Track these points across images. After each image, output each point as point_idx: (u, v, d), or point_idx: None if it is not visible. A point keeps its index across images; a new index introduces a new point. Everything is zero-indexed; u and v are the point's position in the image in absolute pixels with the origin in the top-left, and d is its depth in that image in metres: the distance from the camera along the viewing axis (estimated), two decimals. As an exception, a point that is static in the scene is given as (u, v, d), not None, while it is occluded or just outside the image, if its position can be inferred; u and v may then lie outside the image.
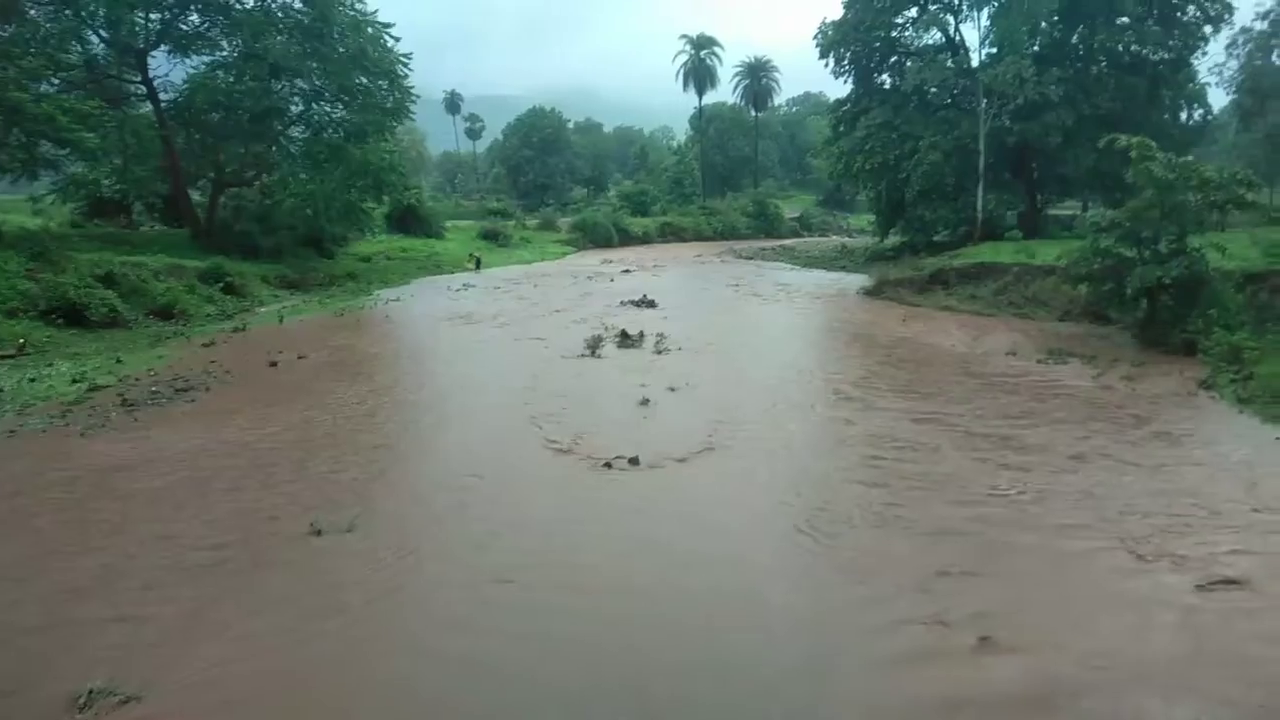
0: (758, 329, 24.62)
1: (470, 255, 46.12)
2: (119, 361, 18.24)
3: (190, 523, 9.47)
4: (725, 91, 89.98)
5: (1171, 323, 18.47)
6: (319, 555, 8.71)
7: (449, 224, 55.78)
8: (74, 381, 16.20)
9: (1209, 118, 40.16)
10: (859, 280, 34.71)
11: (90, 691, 6.12)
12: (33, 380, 16.20)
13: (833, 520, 9.44)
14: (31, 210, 35.11)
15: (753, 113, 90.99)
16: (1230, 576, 7.93)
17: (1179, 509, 9.62)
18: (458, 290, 34.11)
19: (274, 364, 18.29)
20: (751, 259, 50.48)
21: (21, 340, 19.11)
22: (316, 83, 35.73)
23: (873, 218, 48.57)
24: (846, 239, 62.26)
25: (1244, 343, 16.39)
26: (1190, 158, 19.77)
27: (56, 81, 29.79)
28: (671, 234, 67.80)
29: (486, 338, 22.56)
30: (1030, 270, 26.21)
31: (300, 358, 19.00)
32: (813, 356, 20.39)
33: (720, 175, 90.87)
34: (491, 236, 54.61)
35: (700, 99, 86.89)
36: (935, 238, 39.21)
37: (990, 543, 8.89)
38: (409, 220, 50.19)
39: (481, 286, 35.56)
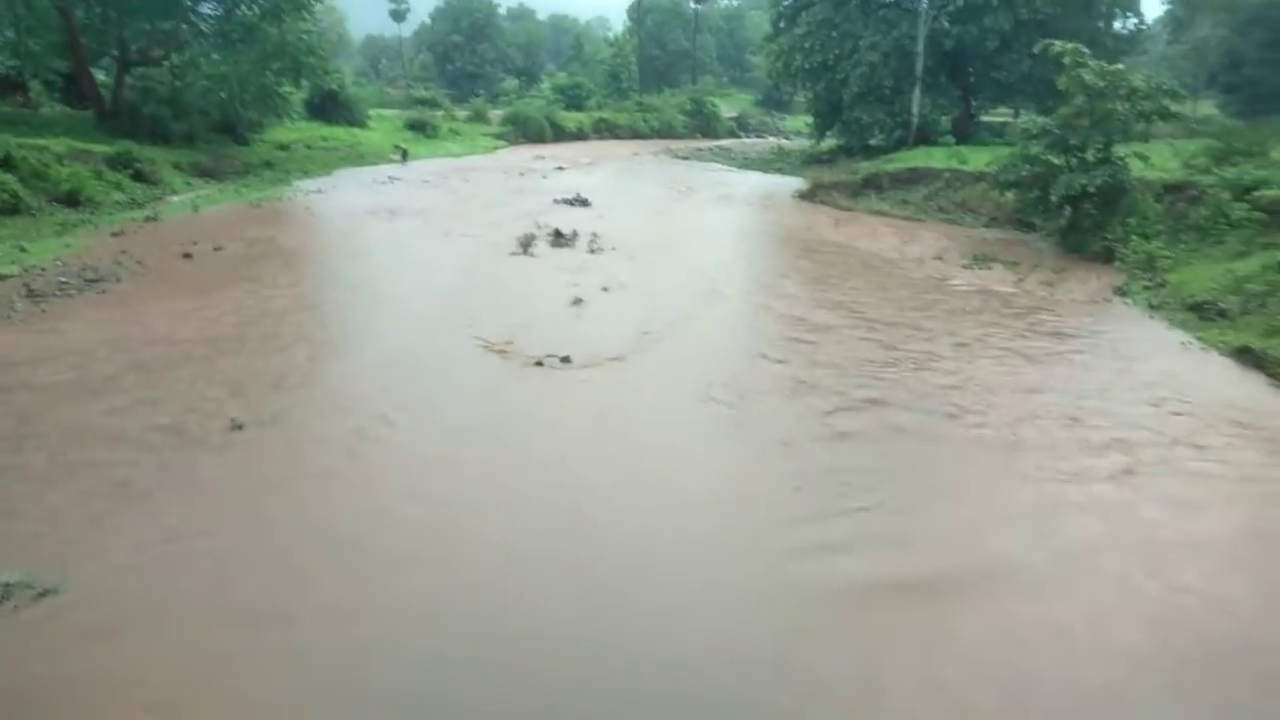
0: (691, 230, 24.50)
1: (396, 146, 44.37)
2: (23, 250, 17.18)
3: (104, 415, 9.19)
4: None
5: (1092, 230, 19.00)
6: (240, 447, 8.58)
7: (373, 113, 53.28)
8: (-28, 270, 15.28)
9: (1141, 27, 40.38)
10: (794, 183, 34.63)
11: (5, 584, 5.98)
12: (-74, 269, 15.23)
13: (749, 406, 9.95)
14: (-86, 85, 32.34)
15: (692, 4, 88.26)
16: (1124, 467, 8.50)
17: (1070, 401, 10.28)
18: (383, 183, 32.84)
19: (188, 255, 17.51)
20: (687, 159, 49.78)
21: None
22: (228, -48, 33.24)
23: (810, 120, 48.09)
24: (784, 140, 61.69)
25: (1159, 251, 17.01)
26: (1121, 66, 20.00)
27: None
28: (607, 131, 66.18)
29: (414, 233, 21.94)
30: (961, 176, 26.52)
31: (216, 249, 18.21)
32: (744, 260, 20.47)
33: (657, 70, 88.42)
34: (419, 127, 52.46)
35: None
36: (871, 141, 39.12)
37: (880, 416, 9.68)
38: (330, 107, 47.74)
39: (408, 179, 34.36)
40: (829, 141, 43.74)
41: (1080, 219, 19.20)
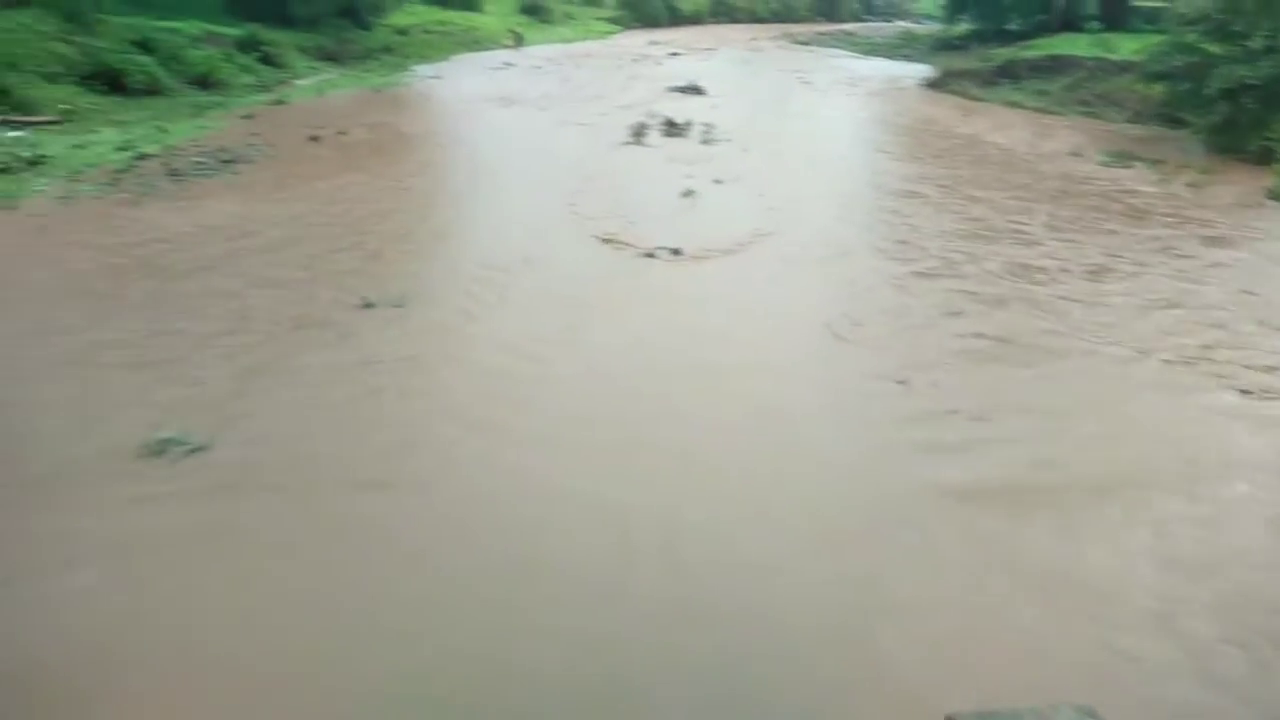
0: (809, 120, 23.59)
1: (510, 31, 43.95)
2: (163, 131, 18.13)
3: (246, 287, 9.79)
4: None
5: (1251, 128, 17.35)
6: (369, 323, 9.02)
7: (489, -5, 52.81)
8: (120, 149, 16.21)
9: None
10: (922, 70, 32.77)
11: (162, 440, 6.53)
12: (80, 147, 16.22)
13: (861, 309, 9.60)
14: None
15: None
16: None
17: (1217, 313, 9.63)
18: (497, 69, 32.80)
19: (315, 139, 18.09)
20: (808, 44, 47.61)
21: (65, 106, 19.01)
22: None
23: (942, 1, 45.03)
24: (913, 25, 58.13)
25: (1325, 152, 15.51)
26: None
27: None
28: (725, 14, 63.80)
29: (527, 121, 21.95)
30: (1106, 66, 24.49)
31: (340, 134, 18.74)
32: (863, 152, 19.66)
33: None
34: (533, 11, 51.72)
35: None
36: (1008, 26, 36.36)
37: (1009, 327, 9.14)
38: (447, -10, 47.54)
39: (521, 65, 34.16)
40: (962, 26, 40.87)
41: (1238, 115, 17.53)
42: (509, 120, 22.11)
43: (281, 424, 7.07)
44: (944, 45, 39.96)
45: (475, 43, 41.13)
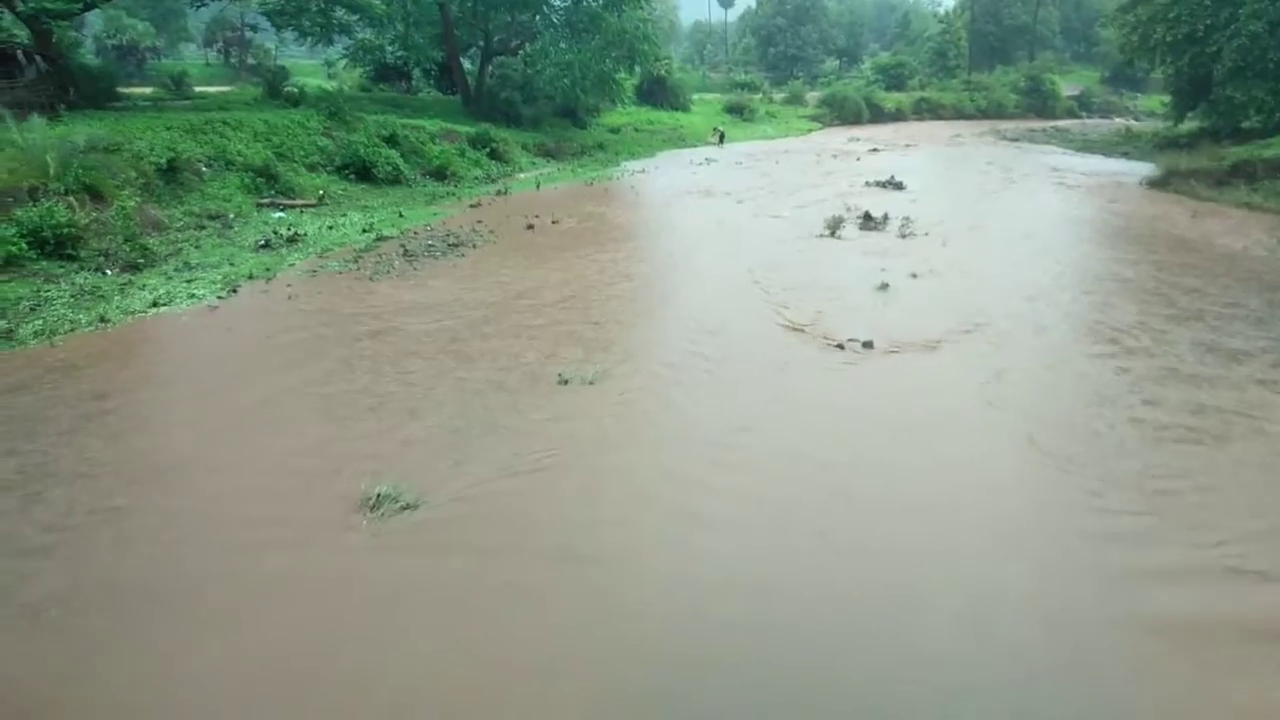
0: (1016, 217, 22.67)
1: (714, 129, 45.82)
2: (401, 216, 20.41)
3: (455, 362, 10.68)
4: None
5: None
6: (567, 397, 9.58)
7: (695, 96, 55.42)
8: (364, 231, 18.38)
9: None
10: (1143, 169, 30.90)
11: (378, 495, 7.15)
12: (330, 228, 18.55)
13: (1073, 440, 8.76)
14: (325, 74, 38.81)
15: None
16: None
17: None
18: (699, 164, 34.27)
19: (531, 227, 19.62)
20: (1017, 140, 46.15)
21: (321, 192, 21.74)
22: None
23: (1166, 99, 42.52)
24: (1132, 122, 55.13)
25: None
26: None
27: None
28: (928, 111, 63.30)
29: (725, 213, 22.68)
30: (1363, 167, 22.21)
31: (554, 222, 20.22)
32: (1077, 252, 18.45)
33: (990, 47, 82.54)
34: (736, 111, 53.82)
35: (978, -41, 78.69)
36: (1243, 124, 33.81)
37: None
38: (657, 92, 50.44)
39: (723, 161, 35.45)
40: (1190, 124, 38.41)
41: None
42: (708, 212, 22.93)
43: (482, 489, 7.58)
44: (1167, 143, 37.65)
45: (681, 140, 43.22)
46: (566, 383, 9.92)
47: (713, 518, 7.14)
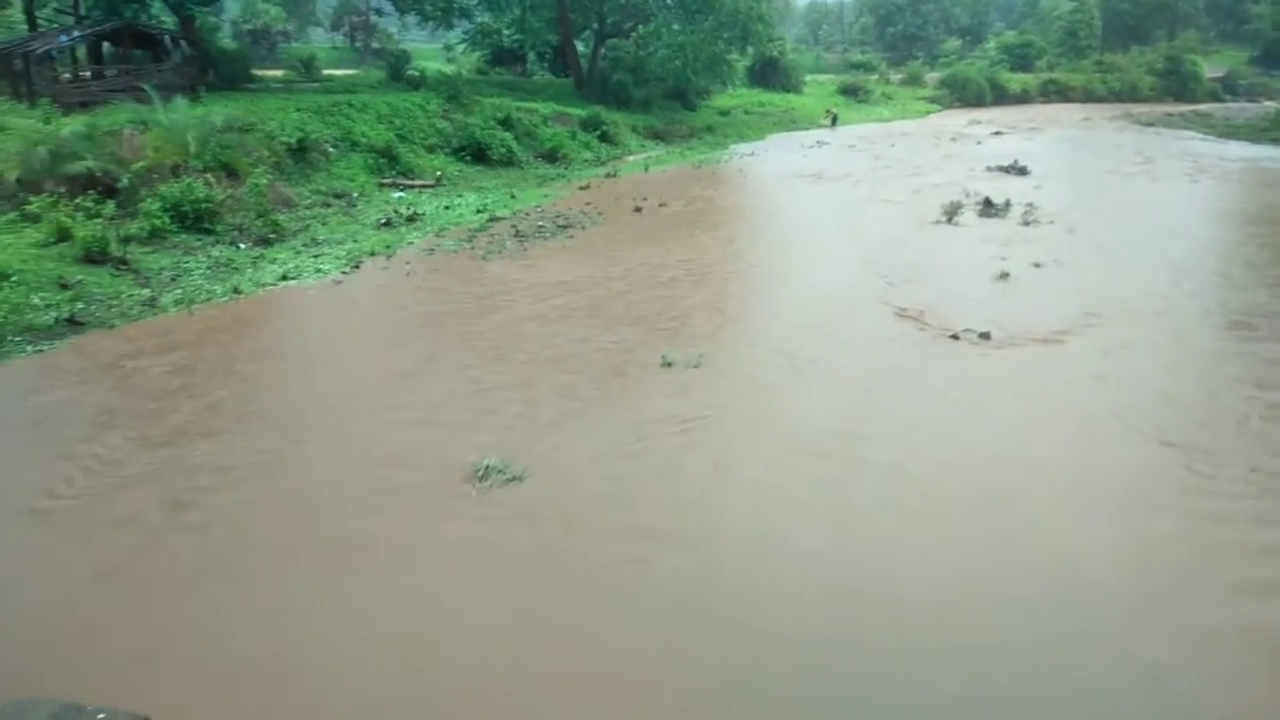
0: (1149, 206, 21.32)
1: (826, 111, 44.90)
2: (513, 197, 20.89)
3: (563, 340, 10.89)
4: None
5: None
6: (671, 379, 9.64)
7: (808, 78, 54.35)
8: (478, 211, 18.93)
9: None
10: (1294, 156, 28.77)
11: (487, 467, 7.39)
12: (447, 208, 19.20)
13: (1204, 440, 8.23)
14: (445, 58, 39.89)
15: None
16: None
17: None
18: (810, 147, 33.67)
19: (639, 209, 19.74)
20: (1152, 125, 43.38)
21: (439, 173, 22.45)
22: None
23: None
24: (1284, 105, 51.14)
25: None
26: None
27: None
28: (1055, 93, 60.22)
29: (836, 197, 22.28)
30: None
31: (661, 205, 20.28)
32: (1216, 245, 17.16)
33: (1126, 25, 77.61)
34: (850, 92, 52.55)
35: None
36: None
37: None
38: (769, 73, 49.71)
39: (835, 144, 34.75)
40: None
41: None
42: (818, 196, 22.59)
43: (584, 465, 7.76)
44: (1326, 128, 34.79)
45: (792, 122, 42.55)
46: (670, 365, 9.97)
47: (813, 512, 7.05)
